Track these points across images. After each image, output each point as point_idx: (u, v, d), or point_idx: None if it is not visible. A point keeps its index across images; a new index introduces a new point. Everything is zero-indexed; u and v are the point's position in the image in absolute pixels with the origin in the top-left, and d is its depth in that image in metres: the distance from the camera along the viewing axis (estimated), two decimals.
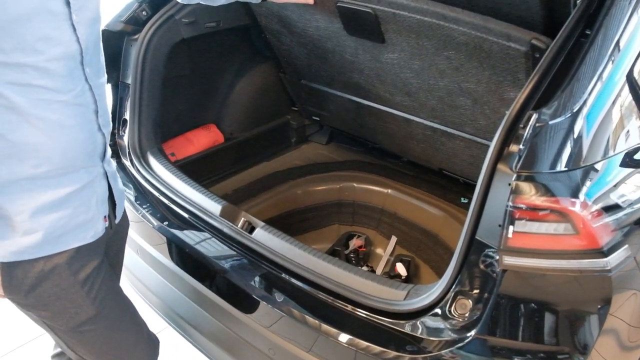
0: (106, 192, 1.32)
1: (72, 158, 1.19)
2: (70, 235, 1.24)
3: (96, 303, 1.30)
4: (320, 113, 2.49)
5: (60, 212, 1.21)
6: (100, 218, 1.31)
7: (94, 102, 1.23)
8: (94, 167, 1.26)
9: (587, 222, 1.08)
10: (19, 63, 1.07)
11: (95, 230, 1.30)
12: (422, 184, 2.36)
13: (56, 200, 1.20)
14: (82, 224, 1.26)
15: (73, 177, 1.21)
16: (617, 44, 1.20)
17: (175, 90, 2.16)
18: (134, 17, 1.91)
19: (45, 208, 1.19)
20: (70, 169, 1.20)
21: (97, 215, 1.30)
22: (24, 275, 1.21)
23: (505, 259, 1.11)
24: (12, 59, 1.06)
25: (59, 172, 1.18)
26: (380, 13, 1.66)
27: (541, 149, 1.10)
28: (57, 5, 1.10)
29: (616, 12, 1.27)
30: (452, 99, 1.79)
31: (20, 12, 1.03)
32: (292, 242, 1.52)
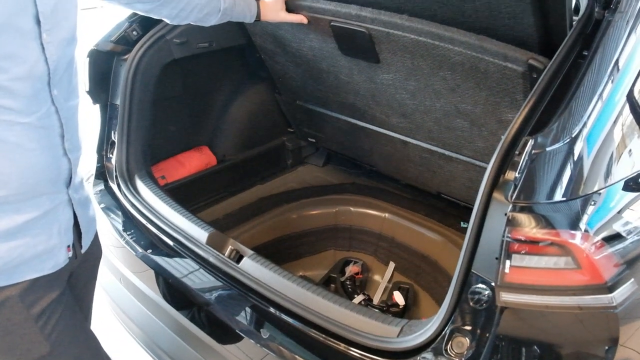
0: (71, 220, 1.24)
1: (33, 183, 1.12)
2: (26, 266, 1.16)
3: (51, 340, 1.21)
4: (316, 135, 2.43)
5: (16, 240, 1.13)
6: (62, 248, 1.23)
7: (59, 125, 1.16)
8: (57, 193, 1.19)
9: (589, 255, 1.01)
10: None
11: (55, 260, 1.21)
12: (420, 207, 2.29)
13: (12, 228, 1.12)
14: (40, 254, 1.18)
15: (33, 203, 1.14)
16: (616, 66, 1.14)
17: (167, 112, 2.11)
18: (124, 37, 1.87)
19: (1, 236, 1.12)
20: (30, 194, 1.12)
21: (59, 245, 1.22)
22: None
23: (503, 295, 1.04)
24: None
25: (17, 198, 1.10)
26: (375, 32, 1.61)
27: (538, 177, 1.03)
28: (26, 23, 1.05)
29: (613, 32, 1.22)
30: (449, 120, 1.73)
31: None
32: (281, 273, 1.44)
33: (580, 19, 1.34)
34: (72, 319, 1.28)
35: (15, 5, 1.03)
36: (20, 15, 1.04)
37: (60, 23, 1.12)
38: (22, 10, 1.04)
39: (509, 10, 1.38)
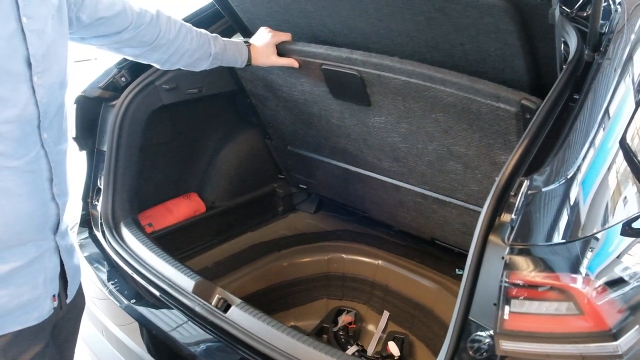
0: (57, 269, 1.20)
1: (19, 230, 1.08)
2: (10, 317, 1.11)
3: None
4: (307, 181, 2.40)
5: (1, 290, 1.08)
6: (47, 297, 1.17)
7: (48, 169, 1.13)
8: (43, 240, 1.15)
9: (591, 300, 0.97)
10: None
11: (40, 311, 1.16)
12: (414, 254, 2.25)
13: None
14: (25, 304, 1.13)
15: (18, 251, 1.09)
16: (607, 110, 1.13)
17: (155, 158, 2.08)
18: (112, 83, 1.86)
19: None
20: (15, 242, 1.08)
21: (45, 295, 1.16)
22: None
23: (502, 344, 0.98)
24: None
25: (1, 246, 1.06)
26: (366, 75, 1.61)
27: (535, 218, 1.00)
28: (17, 66, 1.05)
29: (602, 77, 1.22)
30: (442, 163, 1.71)
31: None
32: (271, 323, 1.38)
33: (571, 61, 1.35)
34: None
35: (6, 48, 1.03)
36: (12, 57, 1.04)
37: (52, 67, 1.12)
38: (13, 53, 1.04)
39: (499, 53, 1.39)
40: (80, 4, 1.26)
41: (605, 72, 1.25)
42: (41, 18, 1.09)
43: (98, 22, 1.33)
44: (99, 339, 1.66)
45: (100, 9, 1.32)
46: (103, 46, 1.44)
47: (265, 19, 1.82)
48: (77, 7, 1.26)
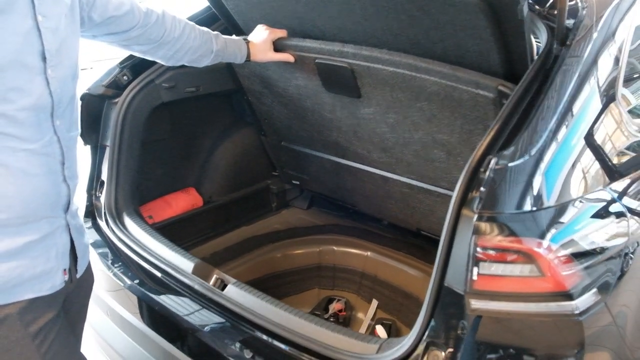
0: (67, 245, 1.30)
1: (34, 207, 1.18)
2: (25, 286, 1.21)
3: (47, 358, 1.24)
4: (300, 176, 2.51)
5: (16, 261, 1.18)
6: (59, 271, 1.28)
7: (60, 153, 1.24)
8: (56, 218, 1.25)
9: (552, 264, 1.08)
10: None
11: (52, 282, 1.26)
12: (401, 246, 2.35)
13: (13, 249, 1.18)
14: (39, 275, 1.23)
15: (33, 226, 1.20)
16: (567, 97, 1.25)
17: (155, 154, 2.18)
18: (115, 82, 1.97)
19: (2, 257, 1.17)
20: (31, 218, 1.18)
21: (56, 268, 1.27)
22: None
23: (472, 303, 1.09)
24: None
25: (18, 221, 1.16)
26: (356, 67, 1.72)
27: (502, 190, 1.11)
28: (33, 60, 1.15)
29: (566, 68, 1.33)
30: (426, 152, 1.82)
31: None
32: (264, 299, 1.49)
33: (541, 54, 1.47)
34: (66, 341, 1.31)
35: (23, 44, 1.13)
36: (28, 52, 1.14)
37: (64, 61, 1.22)
38: (29, 48, 1.14)
39: (476, 48, 1.51)
40: (92, 4, 1.38)
41: (568, 64, 1.36)
42: (55, 16, 1.19)
43: (108, 20, 1.45)
44: (103, 319, 1.75)
45: (109, 9, 1.43)
46: (113, 43, 1.55)
47: (259, 20, 1.94)
48: (89, 7, 1.38)
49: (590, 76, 1.34)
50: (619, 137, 1.40)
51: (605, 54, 1.44)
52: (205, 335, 1.47)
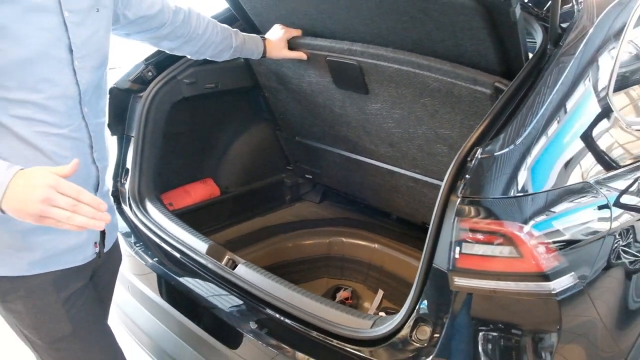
0: None
1: None
2: (61, 257, 1.35)
3: (74, 322, 1.38)
4: (312, 170, 2.63)
5: (52, 235, 1.32)
6: (90, 244, 1.42)
7: (88, 137, 1.37)
8: None
9: (529, 246, 1.17)
10: (21, 99, 1.21)
11: (84, 254, 1.41)
12: (407, 239, 2.44)
13: None
14: (72, 248, 1.37)
15: None
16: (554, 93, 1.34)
17: (176, 145, 2.32)
18: (140, 77, 2.11)
19: (40, 230, 1.30)
20: None
21: (87, 241, 1.41)
22: (17, 287, 1.32)
23: (455, 280, 1.19)
24: (16, 96, 1.21)
25: None
26: (364, 65, 1.84)
27: (488, 177, 1.20)
28: (61, 52, 1.26)
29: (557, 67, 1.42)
30: (430, 146, 1.92)
31: (23, 56, 1.19)
32: (271, 277, 1.61)
33: (535, 54, 1.55)
34: (92, 309, 1.46)
35: (51, 38, 1.24)
36: (56, 45, 1.25)
37: (91, 53, 1.34)
38: (57, 42, 1.26)
39: (474, 48, 1.60)
40: (127, 2, 1.51)
41: (560, 63, 1.44)
42: (81, 12, 1.30)
43: (141, 19, 1.58)
44: (125, 295, 1.89)
45: (143, 8, 1.57)
46: (144, 40, 1.69)
47: (275, 21, 2.06)
48: (124, 6, 1.51)
49: (580, 74, 1.42)
50: (605, 131, 1.48)
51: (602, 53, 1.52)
52: (217, 309, 1.60)
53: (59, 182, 1.06)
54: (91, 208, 1.08)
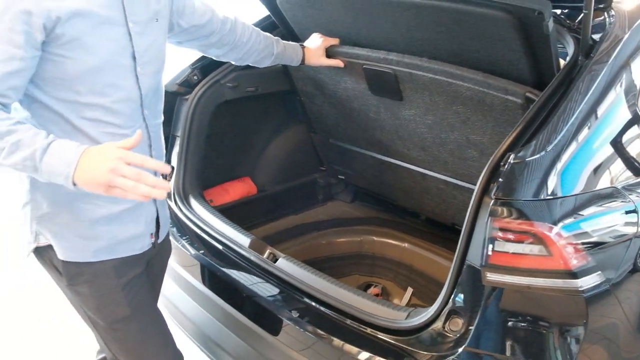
0: (154, 214, 1.57)
1: None
2: (122, 245, 1.49)
3: (132, 306, 1.51)
4: (345, 171, 2.73)
5: (114, 225, 1.45)
6: (147, 234, 1.55)
7: (148, 137, 1.50)
8: None
9: (559, 246, 1.26)
10: (90, 103, 1.35)
11: (142, 244, 1.54)
12: (437, 239, 2.52)
13: (112, 215, 1.45)
14: (132, 237, 1.50)
15: None
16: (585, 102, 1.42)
17: (217, 145, 2.44)
18: (186, 81, 2.25)
19: (104, 220, 1.44)
20: None
21: (145, 232, 1.54)
22: (83, 271, 1.46)
23: (487, 275, 1.28)
24: (86, 99, 1.34)
25: None
26: (399, 73, 1.93)
27: (519, 181, 1.29)
28: (125, 60, 1.39)
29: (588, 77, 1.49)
30: (461, 151, 2.00)
31: (93, 65, 1.32)
32: (311, 270, 1.71)
33: (567, 64, 1.62)
34: (147, 294, 1.59)
35: (117, 47, 1.37)
36: (121, 54, 1.38)
37: (151, 60, 1.47)
38: (122, 50, 1.39)
39: (507, 58, 1.68)
40: (181, 12, 1.64)
41: (592, 73, 1.51)
42: (143, 22, 1.43)
43: (193, 28, 1.70)
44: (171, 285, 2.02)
45: (195, 17, 1.69)
46: (194, 47, 1.81)
47: (314, 29, 2.17)
48: (178, 15, 1.64)
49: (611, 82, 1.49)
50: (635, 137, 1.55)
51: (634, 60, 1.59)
52: (259, 298, 1.71)
53: (126, 154, 1.18)
54: (154, 177, 1.19)
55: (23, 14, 1.20)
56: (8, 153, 1.18)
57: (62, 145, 1.20)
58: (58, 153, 1.18)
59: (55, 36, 1.25)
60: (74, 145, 1.20)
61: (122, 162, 1.17)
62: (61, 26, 1.24)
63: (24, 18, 1.20)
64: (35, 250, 1.49)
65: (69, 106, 1.34)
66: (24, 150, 1.17)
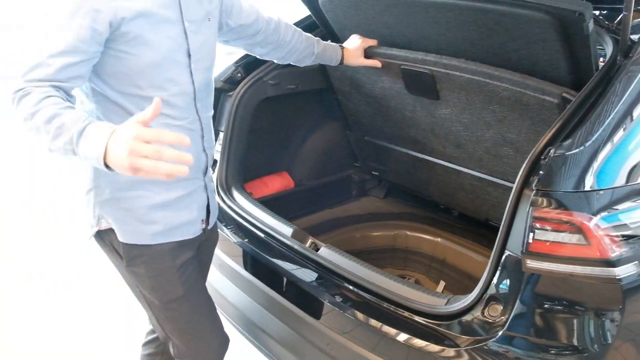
0: (205, 202, 1.67)
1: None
2: (177, 230, 1.59)
3: (185, 287, 1.62)
4: (379, 168, 2.81)
5: (169, 211, 1.56)
6: (199, 220, 1.65)
7: (200, 129, 1.60)
8: (197, 179, 1.61)
9: (598, 235, 1.31)
10: (150, 96, 1.42)
11: (194, 229, 1.64)
12: (469, 235, 2.58)
13: (167, 201, 1.55)
14: (186, 223, 1.61)
15: (181, 185, 1.56)
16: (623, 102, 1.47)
17: (257, 141, 2.54)
18: (230, 78, 2.35)
19: (160, 206, 1.54)
20: (181, 178, 1.51)
21: (197, 218, 1.64)
22: (142, 253, 1.56)
23: (528, 262, 1.35)
24: (146, 93, 1.44)
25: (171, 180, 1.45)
26: (437, 73, 1.99)
27: (559, 174, 1.35)
28: (181, 57, 1.50)
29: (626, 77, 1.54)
30: (496, 149, 2.06)
31: (153, 61, 1.43)
32: (351, 258, 1.79)
33: (605, 64, 1.67)
34: (199, 277, 1.70)
35: (174, 44, 1.48)
36: (178, 51, 1.49)
37: (204, 57, 1.57)
38: (179, 47, 1.49)
39: (546, 58, 1.73)
40: (229, 12, 1.74)
41: (628, 72, 1.56)
42: (197, 21, 1.53)
43: (240, 27, 1.80)
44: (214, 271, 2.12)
45: (242, 17, 1.79)
46: (240, 46, 1.91)
47: (353, 29, 2.24)
48: (227, 15, 1.74)
49: None
50: None
51: None
52: (302, 284, 1.80)
53: (139, 132, 1.11)
54: (174, 151, 1.12)
55: (93, 12, 1.31)
56: (53, 137, 1.19)
57: (94, 128, 1.17)
58: (90, 136, 1.16)
59: (120, 34, 1.36)
60: (103, 127, 1.17)
61: (139, 140, 1.10)
62: (126, 25, 1.35)
63: (93, 15, 1.31)
64: (97, 234, 1.60)
65: (131, 99, 1.44)
66: (66, 134, 1.18)
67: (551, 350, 1.37)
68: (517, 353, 1.40)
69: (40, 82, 1.27)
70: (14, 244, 3.80)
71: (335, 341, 1.67)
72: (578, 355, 1.35)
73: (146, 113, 1.15)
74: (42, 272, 3.46)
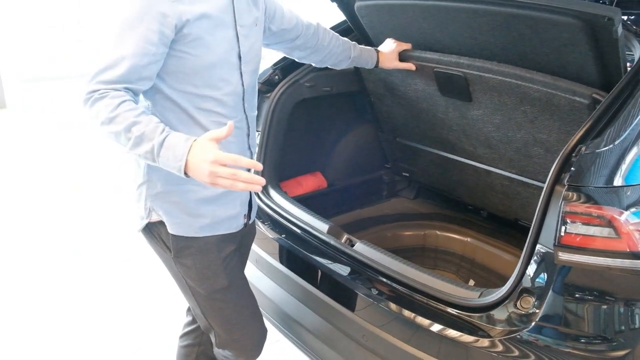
0: (247, 198, 1.77)
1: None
2: (222, 224, 1.69)
3: (229, 277, 1.71)
4: (410, 169, 2.87)
5: (215, 206, 1.65)
6: (241, 215, 1.75)
7: (247, 127, 1.70)
8: None
9: (628, 229, 1.37)
10: (205, 95, 1.56)
11: (237, 223, 1.73)
12: (499, 235, 2.62)
13: (213, 196, 1.65)
14: (230, 217, 1.70)
15: None
16: None
17: (292, 141, 2.62)
18: (268, 80, 2.45)
19: (208, 201, 1.64)
20: None
21: (240, 213, 1.74)
22: (190, 245, 1.66)
23: (560, 254, 1.40)
24: (202, 92, 1.55)
25: None
26: (470, 76, 2.06)
27: (590, 170, 1.41)
28: (233, 58, 1.60)
29: None
30: (527, 149, 2.11)
31: (210, 61, 1.53)
32: (385, 254, 1.87)
33: (633, 68, 1.72)
34: (241, 268, 1.80)
35: (228, 46, 1.58)
36: (230, 53, 1.59)
37: (252, 59, 1.67)
38: (231, 50, 1.59)
39: (576, 61, 1.79)
40: (272, 17, 1.84)
41: None
42: (247, 26, 1.64)
43: (281, 31, 1.90)
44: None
45: (284, 22, 1.89)
46: (280, 49, 2.01)
47: (388, 34, 2.32)
48: (269, 20, 1.84)
49: None
50: None
51: None
52: (338, 278, 1.88)
53: (217, 157, 1.27)
54: (248, 174, 1.30)
55: (160, 16, 1.41)
56: (134, 145, 1.33)
57: (174, 140, 1.32)
58: (171, 148, 1.31)
59: (182, 35, 1.46)
60: (182, 140, 1.31)
61: (217, 164, 1.27)
62: (189, 27, 1.46)
63: (160, 19, 1.41)
64: (145, 227, 1.71)
65: (187, 97, 1.55)
66: (147, 144, 1.32)
67: (581, 340, 1.42)
68: (547, 342, 1.45)
69: (112, 84, 1.38)
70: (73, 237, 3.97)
71: (370, 333, 1.75)
72: (607, 344, 1.40)
73: (221, 131, 1.32)
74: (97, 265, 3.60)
